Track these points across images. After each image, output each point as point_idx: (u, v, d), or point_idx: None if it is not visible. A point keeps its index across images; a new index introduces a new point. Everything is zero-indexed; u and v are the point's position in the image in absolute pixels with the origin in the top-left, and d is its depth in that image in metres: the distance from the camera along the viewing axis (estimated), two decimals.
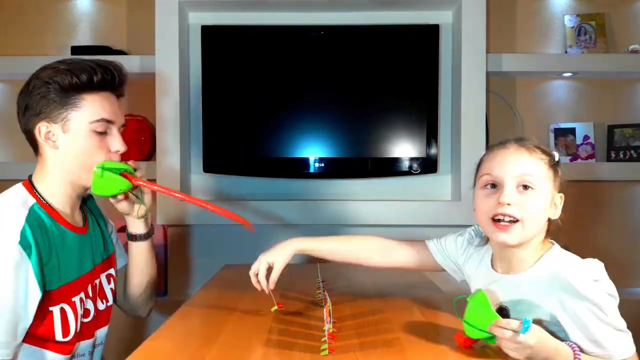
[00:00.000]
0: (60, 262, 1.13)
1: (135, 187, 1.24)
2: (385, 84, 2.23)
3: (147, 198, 1.31)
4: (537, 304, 1.01)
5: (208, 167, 2.24)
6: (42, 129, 1.15)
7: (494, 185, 1.04)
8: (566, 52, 2.33)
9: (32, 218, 1.09)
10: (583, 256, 1.04)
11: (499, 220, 1.01)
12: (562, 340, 0.96)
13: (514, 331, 0.87)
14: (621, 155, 2.33)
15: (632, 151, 2.32)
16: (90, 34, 2.38)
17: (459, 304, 0.99)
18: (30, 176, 1.20)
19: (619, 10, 2.38)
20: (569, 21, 2.34)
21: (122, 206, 1.28)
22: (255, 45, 2.23)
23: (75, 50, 2.27)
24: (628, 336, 0.98)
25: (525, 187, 1.00)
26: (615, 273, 1.03)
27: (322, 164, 2.22)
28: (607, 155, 2.37)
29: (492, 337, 0.92)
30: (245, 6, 2.24)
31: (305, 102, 2.25)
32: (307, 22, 2.27)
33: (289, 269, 1.23)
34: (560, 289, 0.97)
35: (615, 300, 0.98)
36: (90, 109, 1.16)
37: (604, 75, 2.35)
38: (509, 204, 0.99)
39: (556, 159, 1.05)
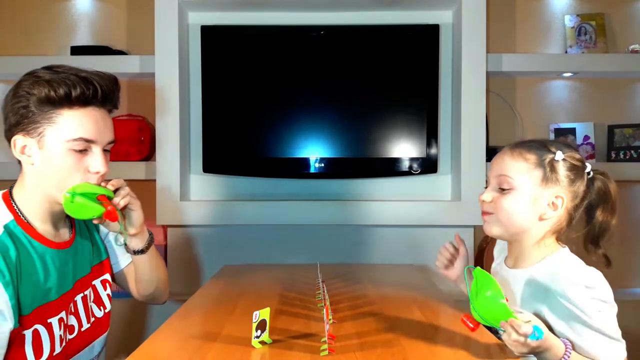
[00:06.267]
0: (35, 285, 1.05)
1: (123, 208, 1.14)
2: (385, 84, 2.23)
3: (137, 215, 1.19)
4: (528, 300, 1.05)
5: (208, 167, 2.24)
6: (17, 142, 1.07)
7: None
8: (566, 52, 2.33)
9: (4, 240, 1.02)
10: (583, 257, 1.04)
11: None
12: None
13: (524, 335, 0.91)
14: (621, 155, 2.33)
15: (632, 151, 2.32)
16: (90, 34, 2.38)
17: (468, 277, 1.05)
18: (11, 187, 1.12)
19: (619, 10, 2.37)
20: (569, 21, 2.34)
21: (106, 226, 1.19)
22: (255, 45, 2.22)
23: (75, 50, 2.27)
24: (619, 344, 0.99)
25: (503, 187, 1.09)
26: (615, 273, 1.04)
27: (323, 164, 2.22)
28: (607, 155, 2.36)
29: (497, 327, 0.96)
30: (245, 6, 2.24)
31: (305, 102, 2.25)
32: (307, 22, 2.27)
33: (289, 269, 1.23)
34: (553, 292, 1.01)
35: (610, 308, 0.99)
36: (67, 126, 1.05)
37: (604, 75, 2.34)
38: (484, 201, 1.12)
39: (556, 157, 1.06)
